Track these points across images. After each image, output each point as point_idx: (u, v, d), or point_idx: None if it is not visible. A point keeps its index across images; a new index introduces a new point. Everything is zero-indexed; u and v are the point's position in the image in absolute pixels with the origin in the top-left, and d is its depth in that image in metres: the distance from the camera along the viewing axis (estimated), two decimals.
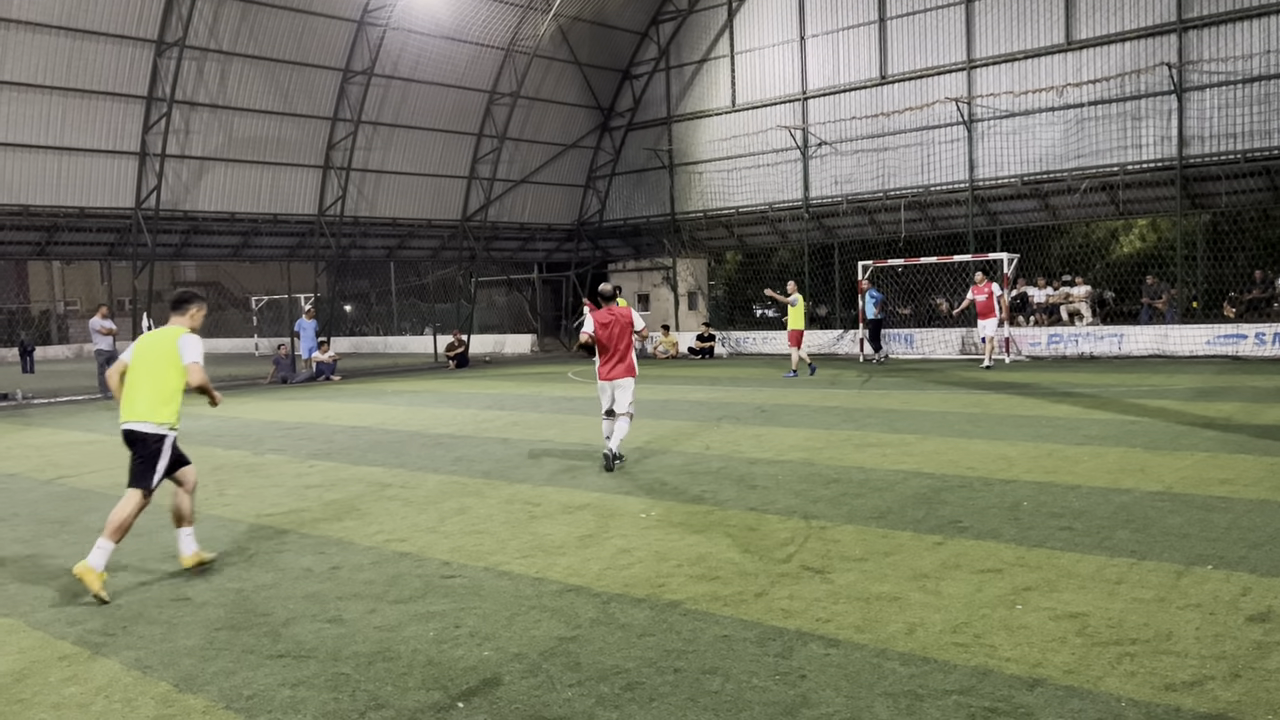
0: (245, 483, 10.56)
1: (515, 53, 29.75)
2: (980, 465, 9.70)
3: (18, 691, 4.87)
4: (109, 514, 6.60)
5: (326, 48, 26.46)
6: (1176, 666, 4.54)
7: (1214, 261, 24.26)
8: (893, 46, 27.35)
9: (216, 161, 25.63)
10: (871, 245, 28.56)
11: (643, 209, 33.76)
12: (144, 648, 5.40)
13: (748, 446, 11.53)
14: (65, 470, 11.92)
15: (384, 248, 32.15)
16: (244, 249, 29.06)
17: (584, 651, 5.06)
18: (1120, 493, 8.20)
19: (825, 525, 7.51)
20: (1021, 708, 4.18)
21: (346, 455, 12.24)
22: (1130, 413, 13.09)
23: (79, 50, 22.48)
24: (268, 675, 4.92)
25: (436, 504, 8.98)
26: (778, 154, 29.86)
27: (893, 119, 27.27)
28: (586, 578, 6.38)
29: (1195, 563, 6.12)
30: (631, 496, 8.93)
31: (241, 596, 6.29)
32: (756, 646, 5.03)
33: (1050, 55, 24.75)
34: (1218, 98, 22.63)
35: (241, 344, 47.69)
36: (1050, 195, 25.53)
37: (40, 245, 25.10)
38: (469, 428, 14.48)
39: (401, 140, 29.19)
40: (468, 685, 4.69)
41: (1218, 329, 22.03)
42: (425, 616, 5.73)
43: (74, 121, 22.97)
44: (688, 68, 32.08)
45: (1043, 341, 24.17)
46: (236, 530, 8.23)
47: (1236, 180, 22.65)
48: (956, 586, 5.87)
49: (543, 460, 11.14)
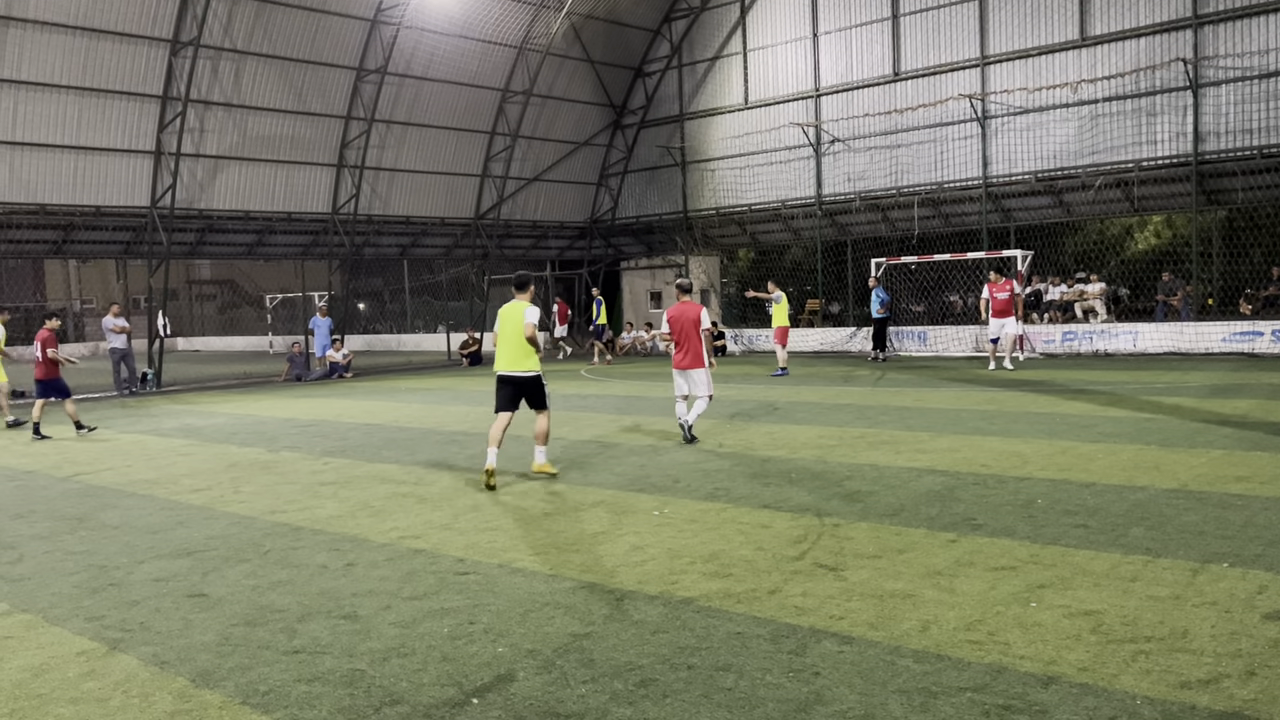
0: (260, 480, 10.61)
1: (528, 51, 29.77)
2: (994, 462, 9.67)
3: (36, 687, 4.91)
4: (535, 429, 9.96)
5: (340, 46, 26.54)
6: (1192, 664, 4.53)
7: (1230, 258, 24.10)
8: (906, 43, 27.26)
9: (231, 160, 25.75)
10: (884, 242, 28.48)
11: (655, 207, 33.75)
12: (161, 644, 5.44)
13: (760, 444, 11.52)
14: (81, 467, 12.00)
15: (397, 246, 32.23)
16: (258, 247, 29.18)
17: (597, 648, 5.07)
18: (1135, 490, 8.16)
19: (838, 523, 7.51)
20: (1036, 705, 4.17)
21: (361, 452, 12.29)
22: (1145, 410, 13.03)
23: (94, 50, 22.60)
24: (283, 671, 4.95)
25: (450, 501, 9.01)
26: (790, 151, 29.81)
27: (906, 116, 27.18)
28: (600, 574, 6.39)
29: (1211, 560, 6.10)
30: (644, 494, 8.93)
31: (257, 593, 6.33)
32: (770, 644, 5.03)
33: (1065, 51, 24.62)
34: (1234, 93, 22.47)
35: (256, 342, 47.90)
36: (1064, 192, 25.40)
37: (57, 244, 25.25)
38: (483, 425, 14.49)
39: (415, 138, 29.26)
40: (482, 681, 4.71)
41: (1233, 326, 21.88)
42: (440, 613, 5.75)
43: (90, 121, 23.10)
44: (700, 65, 32.05)
45: (1057, 339, 24.06)
46: (252, 527, 8.28)
47: (1253, 176, 22.48)
48: (970, 584, 5.86)
49: (556, 457, 11.16)
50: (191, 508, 9.21)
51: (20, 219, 23.15)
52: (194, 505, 9.33)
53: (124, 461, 12.39)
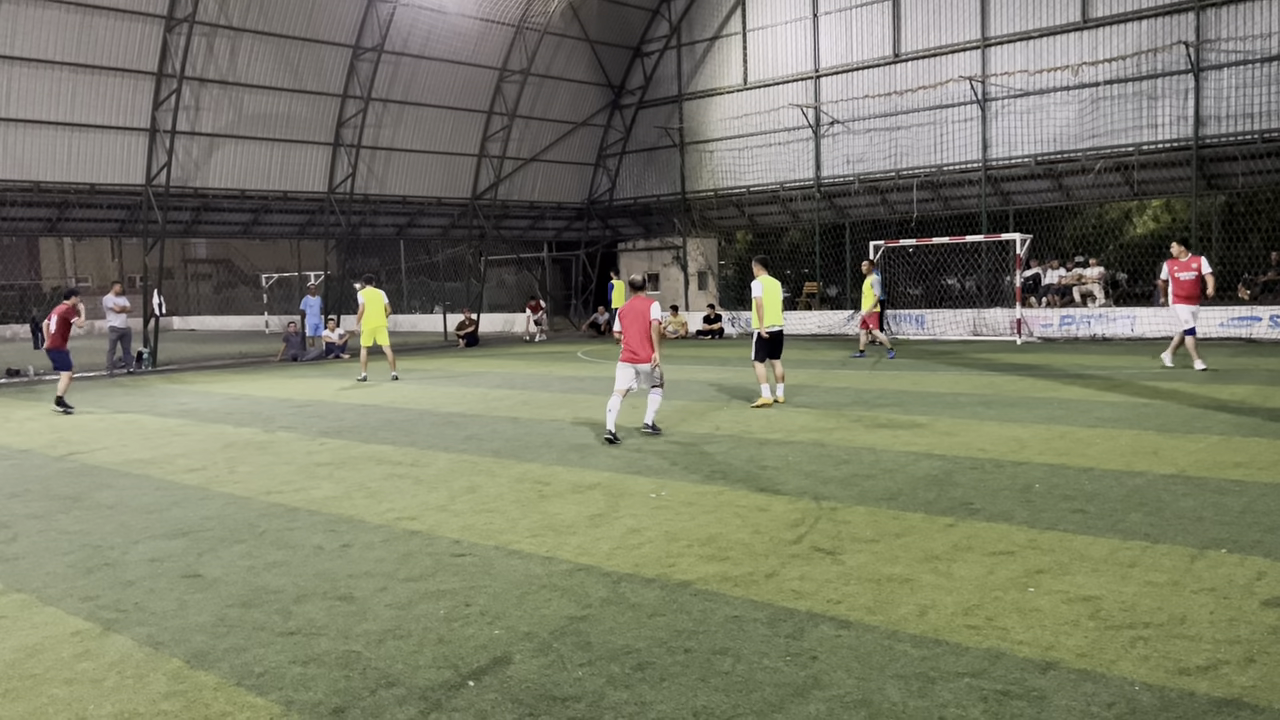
0: (256, 460, 10.58)
1: (526, 29, 29.57)
2: (992, 447, 9.66)
3: (30, 667, 4.88)
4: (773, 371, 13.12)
5: (336, 24, 26.33)
6: (1190, 651, 4.52)
7: (1229, 243, 24.06)
8: (906, 24, 27.10)
9: (226, 138, 25.59)
10: (883, 225, 28.40)
11: (653, 188, 33.62)
12: (155, 624, 5.42)
13: (758, 427, 11.50)
14: (76, 447, 11.96)
15: (394, 226, 32.10)
16: (254, 226, 29.04)
17: (594, 631, 5.05)
18: (1133, 475, 8.15)
19: (836, 506, 7.49)
20: (1034, 690, 4.16)
21: (357, 433, 12.25)
22: (1143, 395, 13.02)
23: (89, 25, 22.40)
24: (279, 652, 4.92)
25: (447, 482, 8.99)
26: (789, 133, 29.67)
27: (905, 98, 27.05)
28: (597, 557, 6.37)
29: (1209, 546, 6.09)
30: (641, 476, 8.91)
31: (252, 574, 6.30)
32: (767, 627, 5.02)
33: (1066, 34, 24.49)
34: (1235, 77, 22.38)
35: (252, 321, 47.80)
36: (1064, 175, 25.32)
37: (51, 222, 25.12)
38: (479, 406, 14.49)
39: (411, 118, 29.08)
40: (478, 664, 4.69)
41: (1232, 311, 21.86)
42: (436, 595, 5.73)
43: (84, 98, 22.92)
44: (699, 45, 31.85)
45: (1055, 323, 24.04)
46: (247, 507, 8.25)
47: (1253, 161, 22.41)
48: (968, 569, 5.84)
49: (553, 439, 11.14)
50: (187, 488, 9.18)
51: (14, 196, 23.02)
52: (189, 485, 9.29)
53: (119, 441, 12.35)
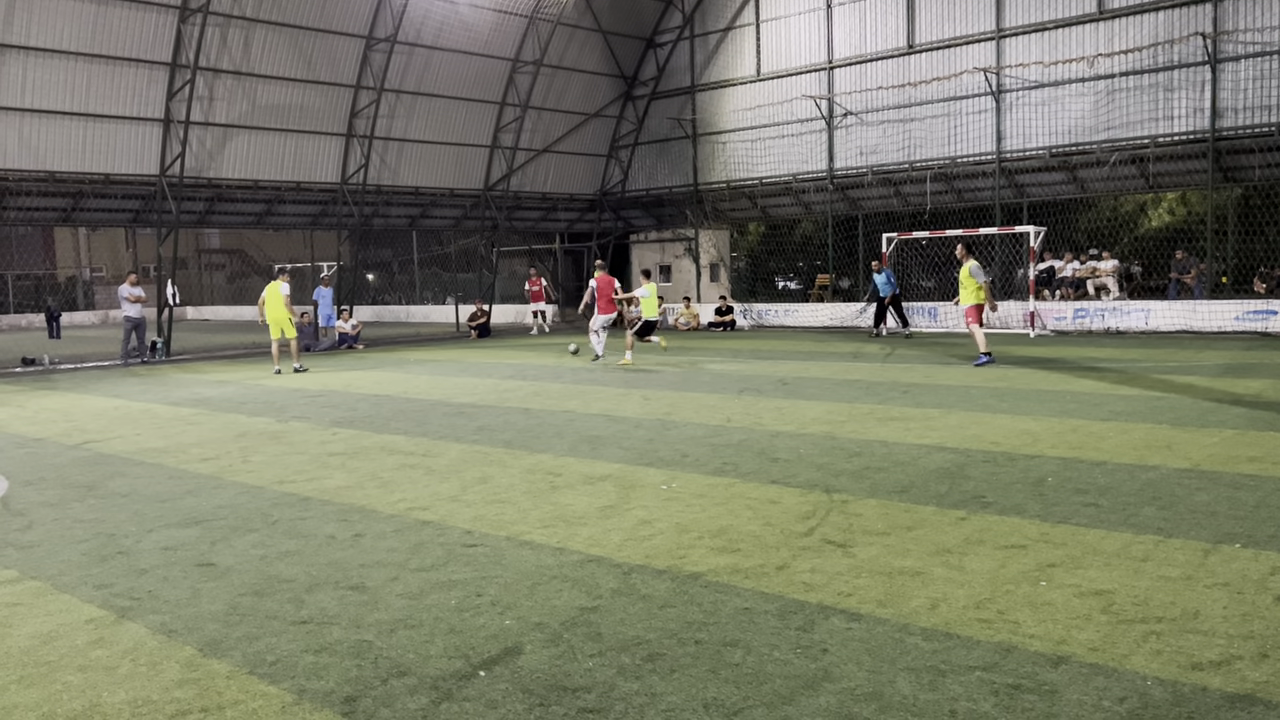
0: (269, 450, 10.62)
1: (538, 20, 29.52)
2: (1004, 440, 9.63)
3: (45, 654, 4.92)
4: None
5: (350, 14, 26.33)
6: (1203, 645, 4.50)
7: (1245, 236, 23.88)
8: (920, 15, 26.95)
9: (240, 129, 25.64)
10: (896, 217, 28.29)
11: (665, 179, 33.56)
12: (169, 612, 5.45)
13: (769, 419, 11.49)
14: (91, 435, 12.03)
15: (406, 217, 32.13)
16: (267, 217, 29.09)
17: (605, 622, 5.06)
18: (1146, 469, 8.12)
19: (847, 499, 7.48)
20: (1046, 685, 4.15)
21: (369, 423, 12.29)
22: (1157, 389, 12.95)
23: (103, 16, 22.45)
24: (291, 641, 4.95)
25: (458, 473, 9.01)
26: (802, 124, 29.57)
27: (919, 89, 26.92)
28: (608, 548, 6.38)
29: (1223, 541, 6.06)
30: (653, 468, 8.92)
31: (265, 563, 6.33)
32: (778, 619, 5.02)
33: (1081, 25, 24.31)
34: (1252, 69, 22.18)
35: None
36: (1079, 168, 25.17)
37: (66, 211, 25.21)
38: (491, 397, 14.51)
39: (424, 109, 29.09)
40: (489, 654, 4.70)
41: (1247, 304, 21.71)
42: (447, 585, 5.75)
43: (99, 88, 22.98)
44: (712, 36, 31.74)
45: (1069, 316, 23.92)
46: (260, 497, 8.28)
47: (1270, 153, 22.23)
48: (980, 562, 5.83)
49: (564, 430, 11.15)
50: (200, 477, 9.23)
51: (29, 186, 23.11)
52: (203, 474, 9.34)
53: (133, 430, 12.41)
